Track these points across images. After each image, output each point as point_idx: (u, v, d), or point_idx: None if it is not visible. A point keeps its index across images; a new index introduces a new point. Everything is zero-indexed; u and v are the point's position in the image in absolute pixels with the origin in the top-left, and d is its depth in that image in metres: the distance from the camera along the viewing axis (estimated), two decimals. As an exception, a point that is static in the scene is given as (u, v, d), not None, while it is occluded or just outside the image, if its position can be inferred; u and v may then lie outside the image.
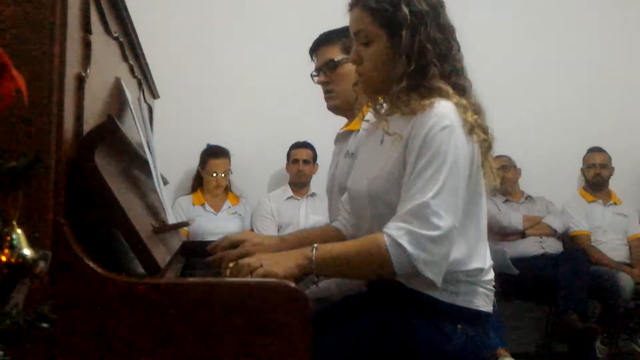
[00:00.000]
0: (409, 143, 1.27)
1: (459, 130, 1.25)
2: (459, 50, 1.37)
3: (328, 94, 1.89)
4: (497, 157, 3.78)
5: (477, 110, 1.32)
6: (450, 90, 1.30)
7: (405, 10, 1.30)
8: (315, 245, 1.25)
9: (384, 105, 1.42)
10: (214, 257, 1.54)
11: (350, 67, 1.60)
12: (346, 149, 1.86)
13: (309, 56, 1.98)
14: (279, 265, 1.21)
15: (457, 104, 1.28)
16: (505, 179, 3.77)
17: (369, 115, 1.55)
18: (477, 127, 1.28)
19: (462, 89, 1.33)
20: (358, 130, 1.79)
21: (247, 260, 1.25)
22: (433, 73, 1.30)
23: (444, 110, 1.26)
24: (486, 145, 1.31)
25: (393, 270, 1.20)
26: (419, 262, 1.18)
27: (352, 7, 1.39)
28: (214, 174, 3.64)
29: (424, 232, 1.18)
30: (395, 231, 1.20)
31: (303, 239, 1.57)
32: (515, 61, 4.00)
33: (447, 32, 1.35)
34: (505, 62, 3.97)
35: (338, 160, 1.93)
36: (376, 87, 1.40)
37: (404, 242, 1.18)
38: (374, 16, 1.34)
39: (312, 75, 1.93)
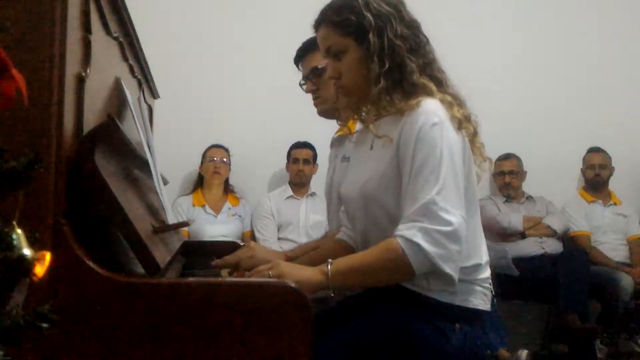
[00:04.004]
0: (401, 144, 1.28)
1: (448, 125, 1.26)
2: (427, 43, 1.39)
3: (317, 100, 1.91)
4: (506, 157, 3.80)
5: (460, 103, 1.34)
6: (434, 87, 1.32)
7: (368, 15, 1.32)
8: (329, 260, 1.25)
9: (369, 110, 1.43)
10: (226, 263, 1.55)
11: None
12: (342, 153, 1.86)
13: (294, 63, 1.99)
14: (292, 276, 1.21)
15: (442, 100, 1.29)
16: (511, 184, 3.78)
17: (358, 126, 1.56)
18: (464, 120, 1.29)
19: (438, 81, 1.35)
20: (350, 134, 1.79)
21: (261, 266, 1.27)
22: (411, 67, 1.32)
23: (431, 108, 1.27)
24: (473, 133, 1.33)
25: (412, 270, 1.19)
26: (436, 257, 1.17)
27: (317, 26, 1.43)
28: (213, 158, 3.66)
29: (436, 227, 1.18)
30: (407, 231, 1.19)
31: (312, 259, 1.56)
32: (515, 61, 4.00)
33: (413, 27, 1.37)
34: (506, 62, 3.97)
35: (335, 164, 1.93)
36: (359, 96, 1.41)
37: (419, 239, 1.18)
38: (340, 29, 1.36)
39: (300, 85, 1.95)
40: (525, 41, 4.04)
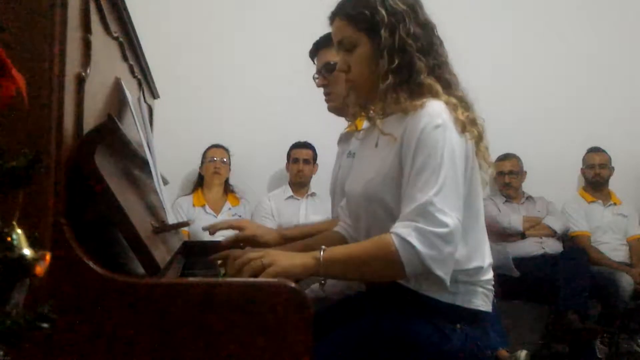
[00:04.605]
0: (404, 144, 1.28)
1: (451, 128, 1.26)
2: (440, 45, 1.39)
3: (327, 96, 1.92)
4: (506, 157, 3.80)
5: (466, 106, 1.33)
6: (440, 89, 1.31)
7: (382, 11, 1.33)
8: (323, 247, 1.25)
9: (375, 107, 1.43)
10: (219, 255, 1.54)
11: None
12: (348, 149, 1.87)
13: (309, 56, 2.00)
14: (284, 262, 1.22)
15: (447, 103, 1.29)
16: (511, 184, 3.78)
17: (364, 123, 1.56)
18: (468, 124, 1.29)
19: (447, 83, 1.35)
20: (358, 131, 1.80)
21: (252, 254, 1.26)
22: (419, 67, 1.32)
23: (435, 110, 1.27)
24: (478, 137, 1.32)
25: (403, 269, 1.19)
26: (428, 259, 1.17)
27: (332, 19, 1.44)
28: (214, 158, 3.67)
29: (432, 228, 1.18)
30: (403, 229, 1.19)
31: (305, 235, 1.57)
32: (515, 61, 4.01)
33: (427, 28, 1.37)
34: (506, 62, 3.98)
35: (341, 161, 1.94)
36: (366, 91, 1.41)
37: (413, 239, 1.17)
38: (353, 22, 1.37)
39: (313, 78, 1.96)
40: (525, 41, 4.05)
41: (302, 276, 1.21)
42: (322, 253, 1.23)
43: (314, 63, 1.99)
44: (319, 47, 1.94)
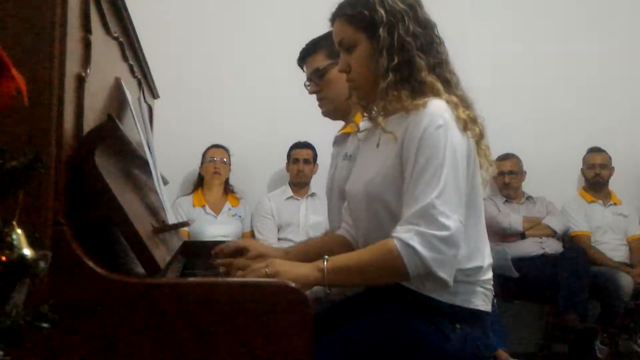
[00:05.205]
0: (405, 144, 1.28)
1: (453, 127, 1.26)
2: (440, 44, 1.39)
3: (321, 101, 1.91)
4: (506, 157, 3.80)
5: (467, 105, 1.33)
6: (441, 87, 1.32)
7: (381, 10, 1.34)
8: (326, 257, 1.25)
9: (378, 106, 1.43)
10: (222, 261, 1.54)
11: (337, 71, 1.60)
12: (344, 151, 1.86)
13: (297, 65, 1.99)
14: (288, 273, 1.22)
15: (448, 101, 1.29)
16: (511, 184, 3.78)
17: (364, 124, 1.56)
18: (470, 122, 1.29)
19: (447, 82, 1.35)
20: (356, 132, 1.79)
21: (256, 264, 1.26)
22: (420, 65, 1.32)
23: (437, 109, 1.27)
24: (479, 135, 1.32)
25: (407, 273, 1.19)
26: (431, 262, 1.17)
27: (332, 20, 1.45)
28: (214, 159, 3.67)
29: (433, 232, 1.18)
30: (405, 234, 1.19)
31: (308, 250, 1.57)
32: (515, 61, 4.00)
33: (427, 26, 1.37)
34: (506, 62, 3.97)
35: (337, 162, 1.93)
36: (368, 92, 1.41)
37: (415, 243, 1.18)
38: (353, 22, 1.38)
39: (305, 86, 1.96)
40: (525, 41, 4.04)
41: (307, 287, 1.20)
42: (325, 264, 1.24)
43: (303, 71, 1.98)
44: (305, 55, 1.94)
